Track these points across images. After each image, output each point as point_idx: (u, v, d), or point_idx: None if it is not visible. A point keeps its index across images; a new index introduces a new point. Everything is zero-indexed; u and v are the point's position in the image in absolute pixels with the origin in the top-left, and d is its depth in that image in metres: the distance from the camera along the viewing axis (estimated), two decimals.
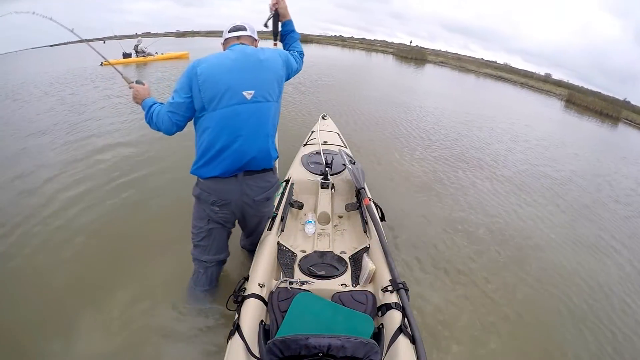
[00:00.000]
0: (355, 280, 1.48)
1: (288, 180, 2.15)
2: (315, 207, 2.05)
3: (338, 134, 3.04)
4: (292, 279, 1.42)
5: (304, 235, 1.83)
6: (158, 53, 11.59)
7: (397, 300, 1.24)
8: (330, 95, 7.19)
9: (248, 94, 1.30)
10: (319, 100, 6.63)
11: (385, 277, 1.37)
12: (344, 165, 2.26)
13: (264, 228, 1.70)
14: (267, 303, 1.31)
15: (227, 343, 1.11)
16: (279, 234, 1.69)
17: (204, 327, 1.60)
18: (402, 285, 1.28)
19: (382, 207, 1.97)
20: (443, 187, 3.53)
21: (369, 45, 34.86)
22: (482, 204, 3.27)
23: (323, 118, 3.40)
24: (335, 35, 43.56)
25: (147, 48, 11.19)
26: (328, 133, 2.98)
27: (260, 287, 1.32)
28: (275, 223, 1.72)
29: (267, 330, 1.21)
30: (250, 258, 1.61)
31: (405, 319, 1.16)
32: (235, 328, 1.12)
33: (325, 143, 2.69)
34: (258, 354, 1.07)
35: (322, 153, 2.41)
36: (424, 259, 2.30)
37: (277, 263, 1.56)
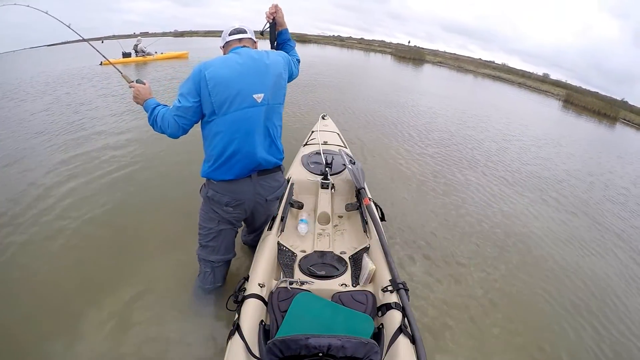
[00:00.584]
0: (355, 280, 1.48)
1: (288, 180, 2.15)
2: (315, 207, 2.05)
3: (338, 134, 3.04)
4: (292, 279, 1.42)
5: (304, 235, 1.83)
6: (157, 53, 11.56)
7: (397, 300, 1.24)
8: (328, 95, 7.18)
9: (258, 97, 1.33)
10: (317, 100, 6.62)
11: (385, 277, 1.37)
12: (344, 165, 2.26)
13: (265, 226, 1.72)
14: (267, 303, 1.31)
15: (227, 343, 1.11)
16: (279, 234, 1.69)
17: (204, 327, 1.59)
18: (402, 285, 1.28)
19: (380, 205, 1.97)
20: (436, 183, 3.58)
21: (368, 45, 34.82)
22: (475, 201, 3.31)
23: (323, 118, 3.39)
24: (334, 35, 43.68)
25: (146, 48, 11.16)
26: (328, 133, 2.98)
27: (260, 287, 1.32)
28: (275, 223, 1.72)
29: (267, 330, 1.20)
30: (250, 257, 1.61)
31: (405, 319, 1.16)
32: (235, 328, 1.12)
33: (325, 143, 2.69)
34: (258, 354, 1.07)
35: (322, 153, 2.41)
36: (417, 254, 2.34)
37: (277, 263, 1.56)
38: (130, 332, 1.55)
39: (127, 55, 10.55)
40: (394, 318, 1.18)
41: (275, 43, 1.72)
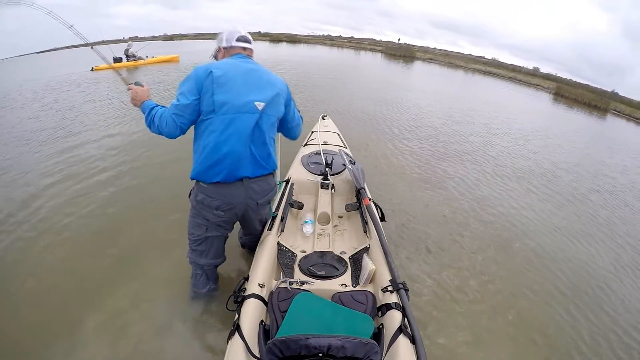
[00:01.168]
0: (355, 281, 1.48)
1: (288, 181, 2.15)
2: (315, 207, 2.05)
3: (338, 134, 3.04)
4: (292, 279, 1.42)
5: (304, 235, 1.84)
6: (148, 57, 11.49)
7: (397, 300, 1.24)
8: (320, 95, 7.19)
9: (259, 105, 1.35)
10: (312, 99, 6.62)
11: (385, 277, 1.37)
12: (344, 166, 2.26)
13: (263, 228, 1.71)
14: (267, 303, 1.31)
15: (227, 343, 1.11)
16: (279, 234, 1.69)
17: (204, 327, 1.59)
18: (402, 286, 1.28)
19: (380, 205, 1.98)
20: (428, 177, 3.62)
21: (358, 44, 34.72)
22: (465, 194, 3.35)
23: (323, 118, 3.39)
24: (324, 35, 43.62)
25: (137, 52, 11.13)
26: (328, 133, 2.98)
27: (260, 287, 1.32)
28: (275, 223, 1.72)
29: (267, 331, 1.21)
30: (250, 258, 1.61)
31: (405, 319, 1.16)
32: (235, 328, 1.12)
33: (325, 143, 2.69)
34: (258, 354, 1.07)
35: (322, 153, 2.41)
36: (409, 246, 2.38)
37: (277, 263, 1.56)
38: (129, 334, 1.55)
39: (118, 60, 10.50)
40: (394, 318, 1.18)
41: None
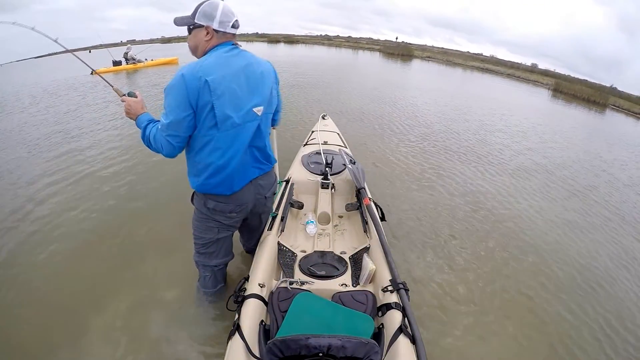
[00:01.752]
0: (356, 280, 1.48)
1: (288, 180, 2.15)
2: (315, 207, 2.05)
3: (338, 134, 3.04)
4: (292, 279, 1.42)
5: (304, 235, 1.84)
6: (148, 60, 11.55)
7: (397, 300, 1.24)
8: (318, 95, 7.19)
9: (259, 110, 1.28)
10: (310, 99, 6.62)
11: (386, 277, 1.37)
12: (344, 165, 2.26)
13: (261, 224, 1.69)
14: (267, 303, 1.31)
15: (227, 343, 1.11)
16: (279, 234, 1.69)
17: (205, 327, 1.60)
18: (402, 285, 1.28)
19: (381, 205, 1.97)
20: (421, 174, 3.65)
21: (355, 44, 34.67)
22: (459, 190, 3.36)
23: (323, 118, 3.38)
24: (321, 35, 43.58)
25: (136, 55, 11.15)
26: (328, 133, 2.97)
27: (261, 287, 1.32)
28: (275, 223, 1.72)
29: (267, 330, 1.21)
30: (250, 258, 1.61)
31: (406, 319, 1.16)
32: (236, 328, 1.12)
33: (326, 143, 2.69)
34: (258, 354, 1.07)
35: (322, 153, 2.40)
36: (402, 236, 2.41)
37: (277, 263, 1.56)
38: (130, 335, 1.55)
39: (117, 64, 10.51)
40: (394, 318, 1.17)
41: None
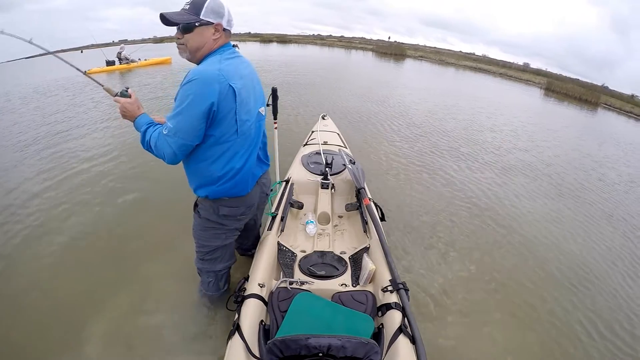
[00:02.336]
0: (355, 280, 1.48)
1: (288, 180, 2.15)
2: (315, 207, 2.05)
3: (338, 134, 3.04)
4: (292, 279, 1.42)
5: (304, 235, 1.84)
6: (141, 59, 11.56)
7: (397, 300, 1.24)
8: (312, 95, 7.19)
9: (262, 110, 1.33)
10: (304, 99, 6.62)
11: (385, 277, 1.37)
12: (344, 165, 2.26)
13: (256, 222, 1.70)
14: (267, 303, 1.31)
15: (227, 343, 1.11)
16: (279, 234, 1.69)
17: (204, 327, 1.59)
18: (402, 285, 1.28)
19: (381, 205, 1.98)
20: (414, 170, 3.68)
21: (348, 43, 34.66)
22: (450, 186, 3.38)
23: (323, 118, 3.38)
24: (314, 35, 43.59)
25: (130, 55, 11.16)
26: (328, 133, 2.97)
27: (260, 287, 1.32)
28: (275, 223, 1.72)
29: (267, 330, 1.21)
30: (250, 258, 1.61)
31: (405, 319, 1.16)
32: (236, 328, 1.12)
33: (325, 143, 2.69)
34: (258, 354, 1.07)
35: (322, 153, 2.41)
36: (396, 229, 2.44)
37: (277, 263, 1.56)
38: (129, 336, 1.55)
39: (111, 63, 10.48)
40: (394, 318, 1.18)
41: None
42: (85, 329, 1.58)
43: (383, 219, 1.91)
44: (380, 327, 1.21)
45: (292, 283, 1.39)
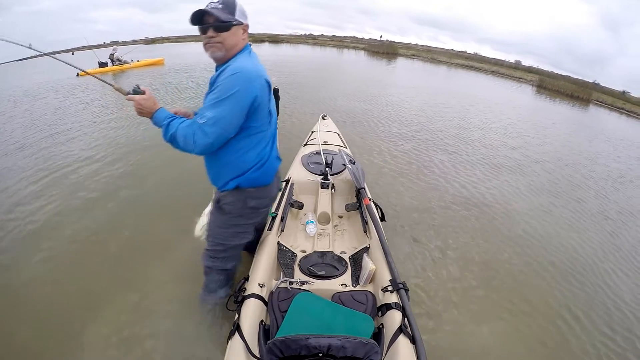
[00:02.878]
0: (355, 280, 1.48)
1: (288, 181, 2.15)
2: (315, 207, 2.05)
3: (338, 134, 3.04)
4: (292, 279, 1.43)
5: (304, 235, 1.84)
6: (134, 61, 11.51)
7: (397, 300, 1.24)
8: (306, 94, 7.20)
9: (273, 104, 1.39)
10: (298, 99, 6.62)
11: (385, 277, 1.37)
12: (344, 165, 2.26)
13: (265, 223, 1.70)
14: (267, 303, 1.31)
15: (227, 343, 1.11)
16: (279, 234, 1.69)
17: (204, 327, 1.59)
18: (402, 285, 1.28)
19: (380, 205, 1.98)
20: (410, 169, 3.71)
21: (340, 42, 34.57)
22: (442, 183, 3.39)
23: (323, 118, 3.38)
24: (306, 34, 43.30)
25: (123, 56, 11.10)
26: (328, 133, 2.97)
27: (260, 287, 1.32)
28: (275, 223, 1.72)
29: (267, 330, 1.21)
30: (250, 258, 1.61)
31: (406, 319, 1.16)
32: (236, 328, 1.12)
33: (325, 143, 2.69)
34: (258, 354, 1.07)
35: (322, 153, 2.41)
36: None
37: (277, 263, 1.56)
38: (129, 336, 1.55)
39: (103, 65, 10.39)
40: (394, 318, 1.18)
41: None
42: (84, 330, 1.58)
43: (383, 219, 1.91)
44: (380, 327, 1.21)
45: (292, 283, 1.39)
